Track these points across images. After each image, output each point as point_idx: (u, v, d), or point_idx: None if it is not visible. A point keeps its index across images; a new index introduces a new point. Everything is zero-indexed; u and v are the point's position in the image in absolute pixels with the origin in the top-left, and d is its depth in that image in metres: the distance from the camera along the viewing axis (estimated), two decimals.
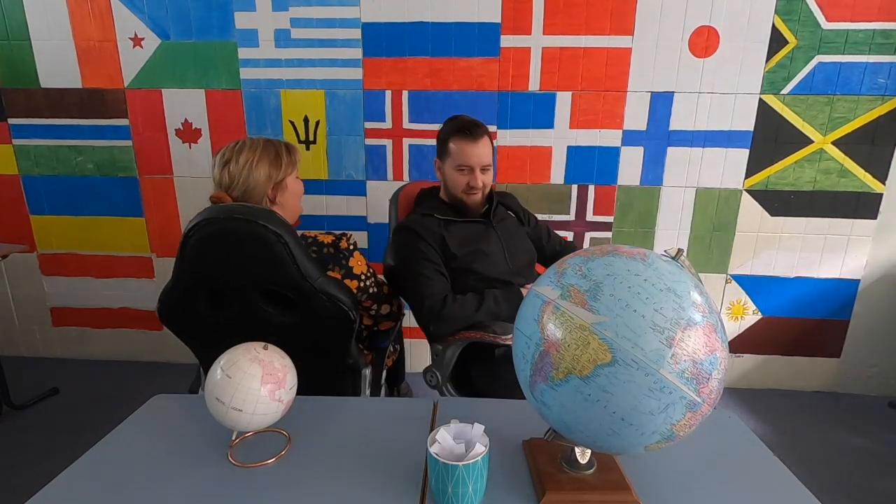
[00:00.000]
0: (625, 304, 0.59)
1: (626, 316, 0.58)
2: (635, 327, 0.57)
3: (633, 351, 0.57)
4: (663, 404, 0.58)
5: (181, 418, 0.90)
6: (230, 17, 2.08)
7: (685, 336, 0.57)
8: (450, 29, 2.04)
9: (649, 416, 0.58)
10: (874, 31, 1.94)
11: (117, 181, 2.29)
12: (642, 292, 0.59)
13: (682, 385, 0.57)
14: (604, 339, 0.58)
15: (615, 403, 0.59)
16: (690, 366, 0.57)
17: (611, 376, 0.58)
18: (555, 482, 0.71)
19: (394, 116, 2.15)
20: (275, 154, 1.22)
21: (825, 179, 2.10)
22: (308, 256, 1.11)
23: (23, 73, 2.18)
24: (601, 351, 0.58)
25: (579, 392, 0.59)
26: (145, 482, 0.74)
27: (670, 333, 0.57)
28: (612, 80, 2.06)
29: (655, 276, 0.61)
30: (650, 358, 0.57)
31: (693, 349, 0.58)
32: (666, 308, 0.58)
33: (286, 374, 0.79)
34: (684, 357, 0.57)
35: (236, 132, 2.20)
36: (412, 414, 0.92)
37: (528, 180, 2.18)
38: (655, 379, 0.57)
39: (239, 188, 1.20)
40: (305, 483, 0.74)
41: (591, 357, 0.58)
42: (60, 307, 2.48)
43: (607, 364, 0.58)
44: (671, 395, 0.58)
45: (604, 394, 0.58)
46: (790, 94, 2.03)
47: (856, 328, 2.26)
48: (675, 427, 0.60)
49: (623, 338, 0.58)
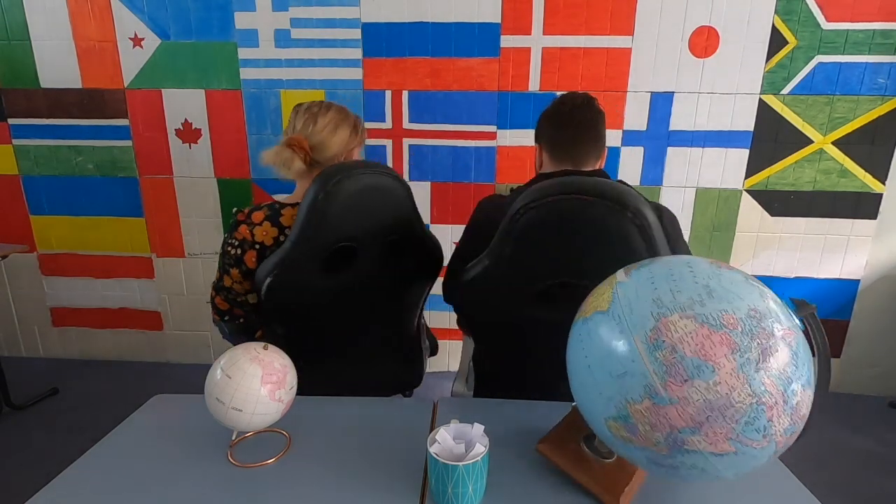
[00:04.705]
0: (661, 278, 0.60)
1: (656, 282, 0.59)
2: (653, 289, 0.59)
3: (623, 307, 0.59)
4: (622, 370, 0.57)
5: (181, 418, 0.89)
6: (230, 17, 2.08)
7: (683, 324, 0.55)
8: (450, 29, 2.04)
9: (608, 377, 0.58)
10: (874, 31, 1.94)
11: (117, 181, 2.29)
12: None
13: (648, 362, 0.55)
14: (614, 293, 0.62)
15: (591, 348, 0.61)
16: (669, 352, 0.54)
17: (599, 323, 0.61)
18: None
19: (394, 116, 2.15)
20: (354, 125, 1.25)
21: (825, 179, 2.10)
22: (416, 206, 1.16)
23: (23, 73, 2.18)
24: (603, 300, 0.62)
25: (578, 327, 0.65)
26: (145, 482, 0.74)
27: (665, 313, 0.56)
28: (612, 80, 2.06)
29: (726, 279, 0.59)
30: (633, 321, 0.57)
31: (684, 339, 0.54)
32: (700, 298, 0.56)
33: (286, 374, 0.79)
34: (668, 339, 0.55)
35: (236, 132, 2.20)
36: (412, 414, 0.92)
37: (528, 180, 2.17)
38: (627, 340, 0.57)
39: (318, 142, 1.19)
40: (305, 483, 0.74)
41: (594, 303, 0.64)
42: (60, 307, 2.48)
43: (602, 311, 0.61)
44: (633, 364, 0.56)
45: (588, 336, 0.62)
46: (790, 95, 2.03)
47: (856, 328, 2.26)
48: (630, 407, 0.57)
49: (629, 299, 0.60)
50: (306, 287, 1.09)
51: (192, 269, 2.38)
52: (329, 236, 1.05)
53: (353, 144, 1.24)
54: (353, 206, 1.05)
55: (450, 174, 2.20)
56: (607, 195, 0.84)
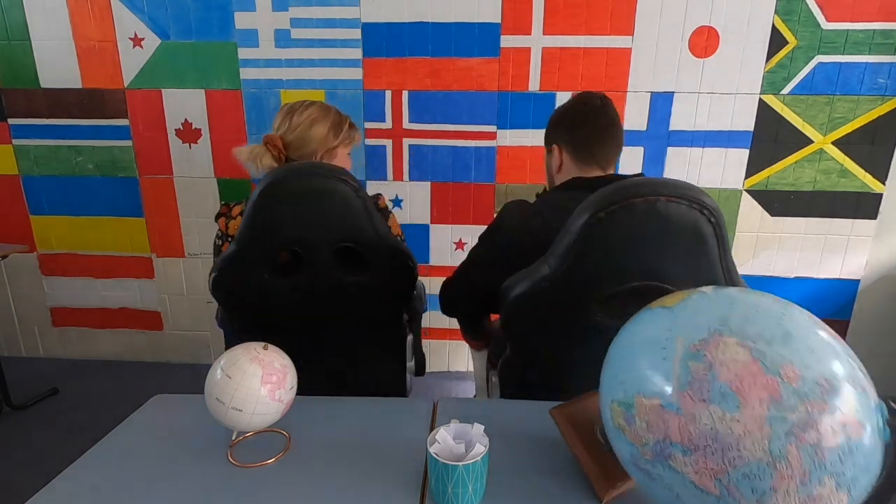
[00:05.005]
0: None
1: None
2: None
3: (687, 310, 0.58)
4: (650, 362, 0.56)
5: (181, 418, 0.89)
6: (230, 17, 2.08)
7: (735, 350, 0.51)
8: (450, 29, 2.04)
9: (634, 362, 0.58)
10: (874, 31, 1.94)
11: (117, 181, 2.29)
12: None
13: (678, 365, 0.53)
14: (689, 298, 0.60)
15: (635, 332, 0.62)
16: (703, 367, 0.51)
17: (659, 314, 0.61)
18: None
19: (394, 116, 2.15)
20: (338, 121, 1.24)
21: (825, 179, 2.10)
22: (378, 213, 1.11)
23: (23, 73, 2.17)
24: (675, 300, 0.61)
25: (640, 313, 0.65)
26: (145, 482, 0.74)
27: (723, 332, 0.53)
28: (612, 80, 2.06)
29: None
30: (688, 325, 0.56)
31: (726, 363, 0.50)
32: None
33: (286, 374, 0.79)
34: (709, 355, 0.52)
35: (236, 132, 2.20)
36: (412, 414, 0.92)
37: (528, 180, 2.18)
38: (671, 338, 0.56)
39: (294, 138, 1.21)
40: (305, 483, 0.74)
41: (666, 300, 0.63)
42: (60, 307, 2.48)
43: (666, 307, 0.61)
44: (663, 361, 0.54)
45: (639, 321, 0.63)
46: (790, 95, 2.03)
47: (856, 328, 2.26)
48: (637, 399, 0.55)
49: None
50: (253, 286, 1.10)
51: (192, 269, 2.38)
52: (272, 236, 1.06)
53: (332, 143, 1.24)
54: (297, 208, 1.05)
55: (450, 174, 2.20)
56: (687, 194, 0.83)
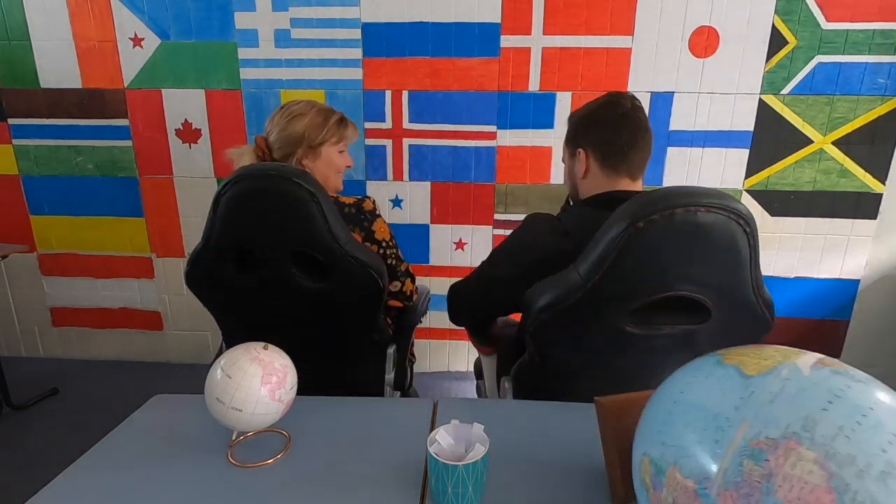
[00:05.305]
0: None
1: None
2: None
3: (765, 387, 0.46)
4: (699, 438, 0.47)
5: (181, 418, 0.89)
6: (230, 17, 2.08)
7: (810, 468, 0.40)
8: (450, 29, 2.04)
9: (680, 428, 0.50)
10: (874, 31, 1.94)
11: (117, 181, 2.29)
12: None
13: (729, 458, 0.44)
14: (775, 370, 0.48)
15: (696, 390, 0.52)
16: (759, 474, 0.42)
17: (730, 379, 0.50)
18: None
19: (394, 116, 2.15)
20: (323, 117, 1.24)
21: (825, 179, 2.10)
22: (339, 219, 1.08)
23: (23, 73, 2.17)
24: (756, 363, 0.52)
25: (706, 361, 0.56)
26: (145, 482, 0.74)
27: (802, 439, 0.42)
28: (612, 80, 2.06)
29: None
30: (759, 412, 0.45)
31: (791, 479, 0.40)
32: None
33: (286, 374, 0.79)
34: (773, 462, 0.42)
35: (236, 132, 2.20)
36: (412, 414, 0.92)
37: (528, 180, 2.18)
38: (733, 421, 0.45)
39: (275, 139, 1.24)
40: (305, 483, 0.74)
41: (745, 358, 0.54)
42: (60, 307, 2.48)
43: (743, 373, 0.50)
44: (715, 444, 0.45)
45: (705, 378, 0.52)
46: (790, 95, 2.03)
47: (856, 328, 2.26)
48: (671, 470, 0.48)
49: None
50: (220, 282, 1.13)
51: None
52: (225, 235, 1.08)
53: (313, 142, 1.24)
54: (251, 209, 1.05)
55: (450, 174, 2.20)
56: (724, 204, 0.82)
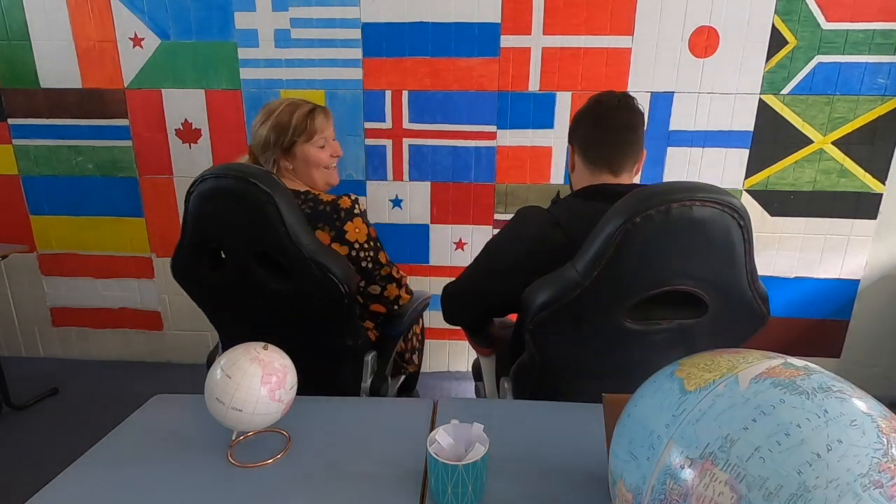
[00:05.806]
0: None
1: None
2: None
3: (695, 402, 0.47)
4: (644, 454, 0.48)
5: (181, 418, 0.90)
6: (230, 17, 2.08)
7: (727, 488, 0.41)
8: (450, 29, 2.04)
9: (625, 447, 0.52)
10: (874, 31, 1.94)
11: (117, 181, 2.29)
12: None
13: (656, 474, 0.46)
14: (714, 383, 0.48)
15: (641, 409, 0.53)
16: (679, 491, 0.43)
17: (669, 390, 0.51)
18: None
19: (394, 116, 2.15)
20: (287, 116, 1.23)
21: (825, 179, 2.10)
22: (302, 221, 1.06)
23: (23, 73, 2.17)
24: (698, 376, 0.52)
25: (659, 376, 0.56)
26: (145, 482, 0.74)
27: (722, 455, 0.42)
28: (612, 80, 2.06)
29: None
30: (689, 429, 0.45)
31: (711, 499, 0.41)
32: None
33: (286, 374, 0.79)
34: (691, 482, 0.43)
35: (236, 132, 2.20)
36: (412, 414, 0.92)
37: (528, 180, 2.18)
38: (666, 445, 0.47)
39: (252, 142, 1.27)
40: (305, 483, 0.74)
41: (690, 370, 0.53)
42: (60, 307, 2.48)
43: (683, 385, 0.51)
44: (648, 463, 0.47)
45: (651, 393, 0.54)
46: (790, 95, 2.03)
47: (856, 328, 2.26)
48: (621, 482, 0.51)
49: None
50: (197, 277, 1.16)
51: None
52: (197, 231, 1.11)
53: (286, 140, 1.22)
54: (213, 207, 1.07)
55: (450, 174, 2.20)
56: (719, 198, 0.83)
